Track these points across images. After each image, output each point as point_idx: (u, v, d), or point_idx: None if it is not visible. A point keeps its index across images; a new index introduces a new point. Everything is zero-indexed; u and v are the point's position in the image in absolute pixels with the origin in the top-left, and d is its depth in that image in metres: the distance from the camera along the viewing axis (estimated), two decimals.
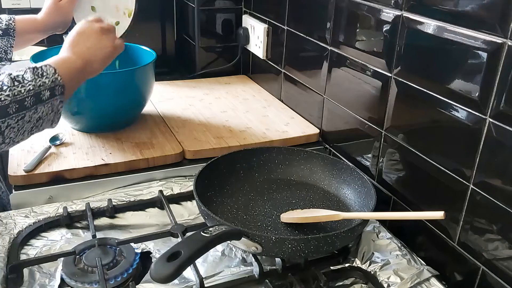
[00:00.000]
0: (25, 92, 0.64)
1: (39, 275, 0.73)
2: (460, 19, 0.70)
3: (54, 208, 0.86)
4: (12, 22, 0.95)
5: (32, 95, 0.65)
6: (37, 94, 0.66)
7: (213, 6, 1.46)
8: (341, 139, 1.07)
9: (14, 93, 0.63)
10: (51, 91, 0.68)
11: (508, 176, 0.66)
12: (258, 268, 0.73)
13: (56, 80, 0.69)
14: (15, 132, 0.65)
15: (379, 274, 0.75)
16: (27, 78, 0.66)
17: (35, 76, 0.67)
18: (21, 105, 0.64)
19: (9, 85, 0.63)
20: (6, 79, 0.64)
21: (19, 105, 0.63)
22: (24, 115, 0.64)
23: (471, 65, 0.69)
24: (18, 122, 0.64)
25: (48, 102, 0.68)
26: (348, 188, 0.90)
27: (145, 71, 1.06)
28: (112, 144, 1.03)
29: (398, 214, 0.85)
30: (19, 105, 0.63)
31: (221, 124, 1.16)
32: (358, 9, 0.93)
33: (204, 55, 1.51)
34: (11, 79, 0.64)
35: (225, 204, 0.86)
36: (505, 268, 0.68)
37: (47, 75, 0.68)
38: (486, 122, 0.68)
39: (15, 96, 0.63)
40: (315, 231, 0.79)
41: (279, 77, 1.31)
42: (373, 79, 0.91)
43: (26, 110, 0.64)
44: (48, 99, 0.67)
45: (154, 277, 0.59)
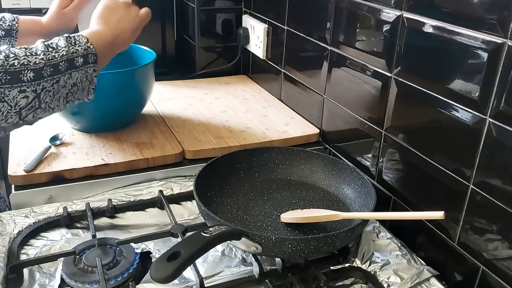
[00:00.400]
0: (58, 57, 0.66)
1: (39, 275, 0.73)
2: (460, 19, 0.70)
3: (54, 208, 0.86)
4: (15, 23, 0.95)
5: (66, 59, 0.67)
6: (71, 60, 0.68)
7: (213, 6, 1.46)
8: (341, 139, 1.07)
9: (49, 58, 0.65)
10: (84, 58, 0.70)
11: (508, 176, 0.66)
12: (258, 268, 0.73)
13: (88, 48, 0.71)
14: (51, 96, 0.66)
15: (379, 274, 0.75)
16: (61, 45, 0.68)
17: (68, 43, 0.69)
18: (56, 69, 0.65)
19: (43, 50, 0.65)
20: (40, 45, 0.66)
21: (54, 68, 0.65)
22: (58, 79, 0.66)
23: (471, 65, 0.69)
24: (53, 85, 0.66)
25: (82, 69, 0.70)
26: (348, 188, 0.90)
27: (145, 71, 1.06)
28: (112, 144, 1.03)
29: (398, 214, 0.85)
30: (53, 68, 0.65)
31: (221, 124, 1.17)
32: (358, 9, 0.93)
33: (204, 55, 1.51)
34: (45, 46, 0.66)
35: (225, 204, 0.86)
36: (505, 268, 0.68)
37: (80, 44, 0.70)
38: (486, 122, 0.68)
39: (49, 60, 0.65)
40: (315, 231, 0.79)
41: (279, 77, 1.32)
42: (373, 79, 0.91)
43: (61, 74, 0.66)
44: (81, 65, 0.69)
45: (154, 277, 0.59)
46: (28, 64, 0.63)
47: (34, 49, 0.65)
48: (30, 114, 0.65)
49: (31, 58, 0.63)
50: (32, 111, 0.65)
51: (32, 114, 0.65)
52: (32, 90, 0.63)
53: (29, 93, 0.63)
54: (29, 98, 0.63)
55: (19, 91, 0.62)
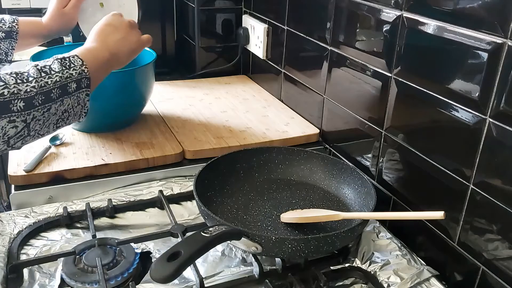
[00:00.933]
0: (51, 83, 0.63)
1: (39, 275, 0.73)
2: (460, 19, 0.70)
3: (54, 208, 0.86)
4: (15, 25, 0.94)
5: (59, 86, 0.64)
6: (64, 86, 0.65)
7: (213, 6, 1.46)
8: (341, 139, 1.07)
9: (41, 85, 0.62)
10: (78, 83, 0.67)
11: (508, 176, 0.66)
12: (258, 268, 0.73)
13: (83, 72, 0.68)
14: (41, 124, 0.64)
15: (379, 274, 0.75)
16: (54, 69, 0.65)
17: (62, 67, 0.66)
18: (47, 97, 0.63)
19: (36, 76, 0.62)
20: (32, 70, 0.63)
21: (45, 96, 0.62)
22: (50, 107, 0.63)
23: (471, 65, 0.69)
24: (44, 114, 0.63)
25: (74, 94, 0.67)
26: (348, 188, 0.90)
27: (145, 71, 1.06)
28: (112, 144, 1.03)
29: (398, 214, 0.85)
30: (45, 96, 0.62)
31: (221, 124, 1.17)
32: (358, 9, 0.93)
33: (204, 55, 1.51)
34: (38, 70, 0.63)
35: (225, 204, 0.86)
36: (505, 268, 0.68)
37: (74, 67, 0.67)
38: (486, 122, 0.68)
39: (41, 87, 0.62)
40: (315, 231, 0.79)
41: (279, 77, 1.32)
42: (373, 79, 0.91)
43: (52, 102, 0.63)
44: (74, 91, 0.67)
45: (154, 277, 0.59)
46: (18, 93, 0.60)
47: (25, 75, 0.62)
48: (19, 141, 0.63)
49: (22, 86, 0.60)
50: (21, 139, 0.63)
51: (21, 141, 0.63)
52: (22, 120, 0.60)
53: (19, 123, 0.60)
54: (18, 127, 0.61)
55: (8, 121, 0.59)
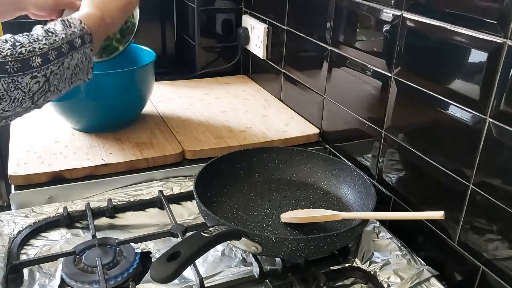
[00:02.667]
0: (59, 40, 0.68)
1: (39, 275, 0.73)
2: (460, 19, 0.70)
3: (54, 208, 0.86)
4: None
5: (66, 42, 0.69)
6: (70, 41, 0.70)
7: (213, 6, 1.46)
8: (341, 139, 1.07)
9: (51, 42, 0.67)
10: (82, 38, 0.72)
11: (508, 176, 0.66)
12: (258, 268, 0.73)
13: (83, 29, 0.73)
14: (58, 79, 0.68)
15: (379, 274, 0.75)
16: (58, 29, 0.70)
17: (65, 26, 0.71)
18: (59, 52, 0.68)
19: (44, 35, 0.67)
20: (40, 31, 0.68)
21: (57, 52, 0.67)
22: (63, 61, 0.68)
23: (471, 65, 0.69)
24: (59, 68, 0.68)
25: (81, 49, 0.72)
26: (348, 188, 0.90)
27: (145, 71, 1.06)
28: (112, 144, 1.03)
29: (398, 214, 0.85)
30: (57, 51, 0.67)
31: (221, 124, 1.17)
32: (358, 9, 0.93)
33: (204, 55, 1.51)
34: (45, 31, 0.68)
35: (225, 204, 0.86)
36: (505, 268, 0.68)
37: (75, 25, 0.72)
38: (486, 122, 0.68)
39: (51, 44, 0.67)
40: (315, 231, 0.79)
41: (279, 77, 1.32)
42: (373, 79, 0.91)
43: (64, 56, 0.69)
44: (80, 46, 0.72)
45: (154, 277, 0.59)
46: (34, 50, 0.65)
47: (35, 35, 0.67)
48: (41, 97, 0.67)
49: (35, 44, 0.65)
50: (43, 94, 0.67)
51: (43, 97, 0.68)
52: (42, 75, 0.65)
53: (40, 77, 0.65)
54: (40, 82, 0.65)
55: (31, 77, 0.64)
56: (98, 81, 1.00)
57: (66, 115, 1.06)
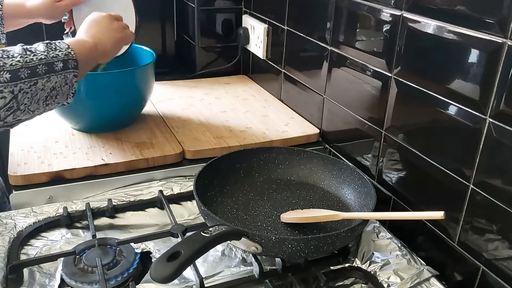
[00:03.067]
0: (37, 60, 0.67)
1: (39, 275, 0.73)
2: (460, 19, 0.70)
3: (54, 208, 0.86)
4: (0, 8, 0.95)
5: (44, 63, 0.68)
6: (50, 64, 0.69)
7: (213, 6, 1.46)
8: (341, 139, 1.07)
9: (26, 60, 0.66)
10: (64, 63, 0.71)
11: (508, 176, 0.66)
12: (258, 268, 0.73)
13: (69, 54, 0.72)
14: (29, 98, 0.67)
15: (379, 274, 0.75)
16: (40, 49, 0.69)
17: (48, 48, 0.70)
18: (33, 71, 0.66)
19: (21, 53, 0.66)
20: (18, 49, 0.67)
21: (31, 71, 0.66)
22: (36, 81, 0.67)
23: (471, 65, 0.69)
24: (31, 87, 0.66)
25: (61, 73, 0.70)
26: (348, 188, 0.90)
27: (145, 71, 1.06)
28: (112, 144, 1.03)
29: (398, 214, 0.85)
30: (30, 71, 0.66)
31: (221, 124, 1.17)
32: (358, 9, 0.93)
33: (204, 55, 1.51)
34: (23, 49, 0.67)
35: (225, 204, 0.86)
36: (505, 268, 0.68)
37: (60, 49, 0.71)
38: (486, 122, 0.68)
39: (26, 62, 0.66)
40: (315, 231, 0.79)
41: (279, 77, 1.32)
42: (373, 79, 0.91)
43: (38, 77, 0.67)
44: (61, 70, 0.70)
45: (154, 277, 0.59)
46: (4, 65, 0.64)
47: (11, 52, 0.66)
48: (10, 115, 0.66)
49: (7, 60, 0.65)
50: (11, 112, 0.66)
51: (11, 115, 0.66)
52: (9, 91, 0.64)
53: (6, 93, 0.64)
54: (6, 98, 0.64)
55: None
56: (98, 81, 1.01)
57: (66, 115, 1.06)
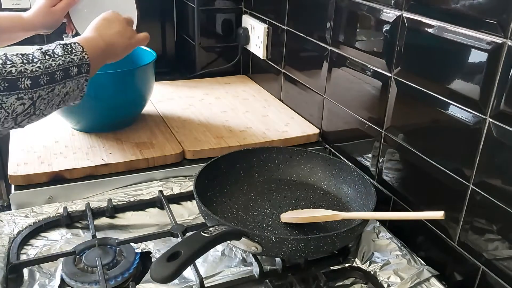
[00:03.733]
0: (55, 65, 0.67)
1: (39, 275, 0.73)
2: (460, 19, 0.70)
3: (54, 208, 0.86)
4: None
5: (62, 69, 0.68)
6: (66, 69, 0.69)
7: (213, 6, 1.46)
8: (341, 139, 1.07)
9: (46, 66, 0.66)
10: (79, 68, 0.71)
11: (508, 176, 0.66)
12: (258, 268, 0.73)
13: (83, 58, 0.72)
14: (45, 104, 0.67)
15: (379, 274, 0.75)
16: (57, 53, 0.68)
17: (65, 52, 0.69)
18: (52, 78, 0.66)
19: (40, 58, 0.66)
20: (37, 53, 0.67)
21: (50, 77, 0.66)
22: (54, 87, 0.67)
23: (471, 65, 0.69)
24: (48, 94, 0.67)
25: (76, 78, 0.71)
26: (348, 188, 0.90)
27: (145, 71, 1.06)
28: (112, 144, 1.03)
29: (398, 214, 0.85)
30: (49, 77, 0.66)
31: (221, 124, 1.17)
32: (358, 9, 0.93)
33: (204, 55, 1.51)
34: (42, 53, 0.67)
35: (225, 204, 0.86)
36: (505, 268, 0.68)
37: (76, 53, 0.71)
38: (486, 122, 0.68)
39: (46, 68, 0.66)
40: (315, 231, 0.79)
41: (279, 77, 1.32)
42: (373, 79, 0.91)
43: (56, 83, 0.67)
44: (75, 75, 0.70)
45: (154, 277, 0.59)
46: (25, 71, 0.63)
47: (30, 56, 0.66)
48: (25, 120, 0.66)
49: (28, 65, 0.64)
50: (27, 117, 0.66)
51: (27, 120, 0.66)
52: (29, 98, 0.64)
53: (26, 100, 0.64)
54: (25, 105, 0.64)
55: (17, 98, 0.63)
56: (98, 81, 1.00)
57: (66, 115, 1.06)
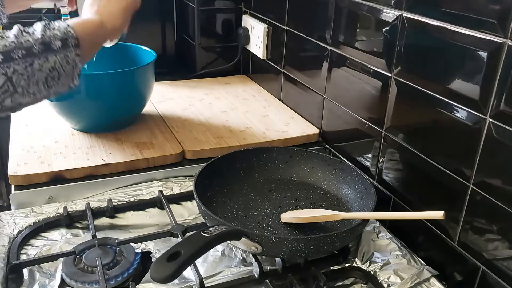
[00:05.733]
0: (32, 40, 0.64)
1: (39, 275, 0.73)
2: (460, 19, 0.70)
3: (54, 208, 0.86)
4: None
5: (40, 42, 0.65)
6: (47, 43, 0.65)
7: (213, 6, 1.46)
8: (341, 139, 1.07)
9: (20, 41, 0.63)
10: (63, 41, 0.67)
11: (508, 176, 0.66)
12: (258, 268, 0.73)
13: (68, 32, 0.68)
14: (26, 80, 0.64)
15: (379, 274, 0.75)
16: (36, 29, 0.66)
17: (45, 28, 0.66)
18: (28, 52, 0.63)
19: (16, 34, 0.64)
20: (15, 29, 0.64)
21: (26, 51, 0.63)
22: (32, 61, 0.64)
23: (471, 65, 0.69)
24: (26, 68, 0.63)
25: (61, 52, 0.67)
26: (348, 188, 0.90)
27: (145, 71, 1.06)
28: (112, 144, 1.03)
29: (398, 214, 0.85)
30: (26, 51, 0.63)
31: (221, 124, 1.17)
32: (358, 9, 0.93)
33: (204, 55, 1.51)
34: (20, 30, 0.64)
35: (225, 204, 0.86)
36: (505, 268, 0.68)
37: (59, 28, 0.68)
38: (486, 122, 0.68)
39: (20, 43, 0.63)
40: (315, 231, 0.79)
41: (279, 77, 1.32)
42: (373, 79, 0.91)
43: (34, 56, 0.64)
44: (60, 49, 0.67)
45: (154, 277, 0.59)
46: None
47: (7, 33, 0.63)
48: (7, 98, 0.63)
49: (1, 41, 0.62)
50: (8, 95, 0.63)
51: (9, 98, 0.63)
52: (1, 73, 0.61)
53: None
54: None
55: None
56: (98, 81, 1.01)
57: (66, 115, 1.06)
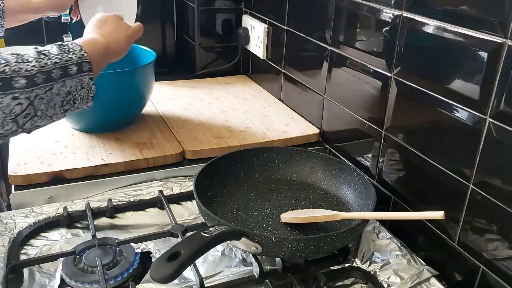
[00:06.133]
0: (51, 64, 0.65)
1: (39, 275, 0.73)
2: (460, 19, 0.70)
3: (54, 208, 0.86)
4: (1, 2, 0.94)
5: (59, 67, 0.66)
6: (64, 67, 0.67)
7: (213, 6, 1.46)
8: (341, 139, 1.07)
9: (41, 65, 0.64)
10: (78, 66, 0.69)
11: (508, 176, 0.66)
12: (258, 268, 0.73)
13: (82, 56, 0.70)
14: (45, 104, 0.65)
15: (379, 274, 0.75)
16: (53, 52, 0.67)
17: (61, 51, 0.68)
18: (48, 76, 0.65)
19: (35, 57, 0.65)
20: (32, 52, 0.65)
21: (46, 76, 0.64)
22: (52, 86, 0.65)
23: (471, 65, 0.69)
24: (46, 93, 0.65)
25: (76, 77, 0.69)
26: (348, 188, 0.90)
27: (145, 71, 1.06)
28: (112, 144, 1.03)
29: (398, 214, 0.85)
30: (46, 76, 0.64)
31: (221, 124, 1.17)
32: (358, 9, 0.93)
33: (204, 55, 1.51)
34: (37, 52, 0.66)
35: (225, 204, 0.86)
36: (505, 268, 0.68)
37: (74, 51, 0.69)
38: (486, 122, 0.68)
39: (41, 67, 0.64)
40: (315, 231, 0.79)
41: (279, 77, 1.32)
42: (373, 79, 0.91)
43: (53, 81, 0.65)
44: (75, 74, 0.68)
45: (154, 277, 0.59)
46: (19, 71, 0.62)
47: (26, 56, 0.64)
48: (28, 122, 0.64)
49: (23, 65, 0.63)
50: (29, 118, 0.64)
51: (29, 122, 0.65)
52: (25, 97, 0.62)
53: (23, 100, 0.62)
54: (23, 105, 0.62)
55: (12, 98, 0.61)
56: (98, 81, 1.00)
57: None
